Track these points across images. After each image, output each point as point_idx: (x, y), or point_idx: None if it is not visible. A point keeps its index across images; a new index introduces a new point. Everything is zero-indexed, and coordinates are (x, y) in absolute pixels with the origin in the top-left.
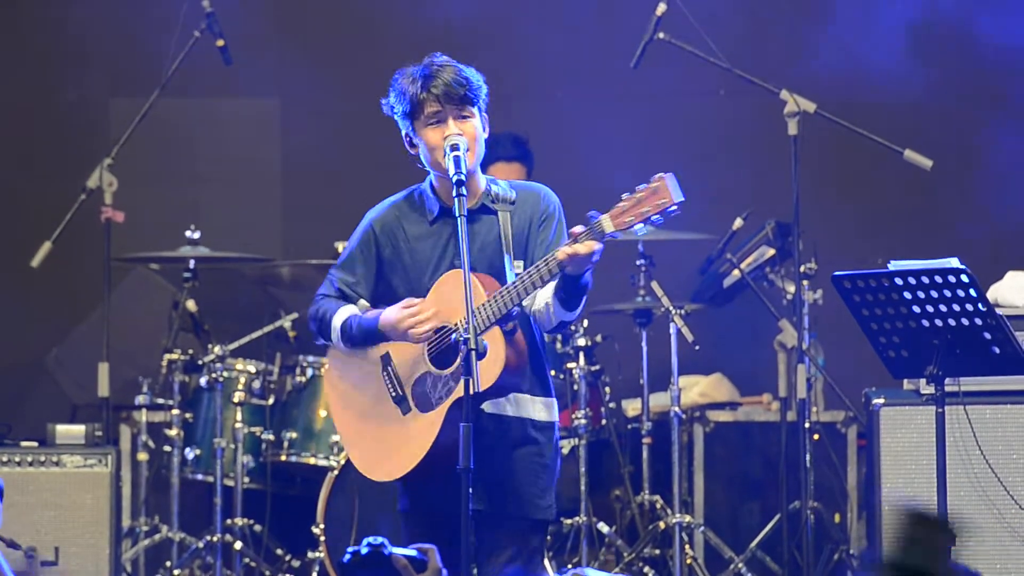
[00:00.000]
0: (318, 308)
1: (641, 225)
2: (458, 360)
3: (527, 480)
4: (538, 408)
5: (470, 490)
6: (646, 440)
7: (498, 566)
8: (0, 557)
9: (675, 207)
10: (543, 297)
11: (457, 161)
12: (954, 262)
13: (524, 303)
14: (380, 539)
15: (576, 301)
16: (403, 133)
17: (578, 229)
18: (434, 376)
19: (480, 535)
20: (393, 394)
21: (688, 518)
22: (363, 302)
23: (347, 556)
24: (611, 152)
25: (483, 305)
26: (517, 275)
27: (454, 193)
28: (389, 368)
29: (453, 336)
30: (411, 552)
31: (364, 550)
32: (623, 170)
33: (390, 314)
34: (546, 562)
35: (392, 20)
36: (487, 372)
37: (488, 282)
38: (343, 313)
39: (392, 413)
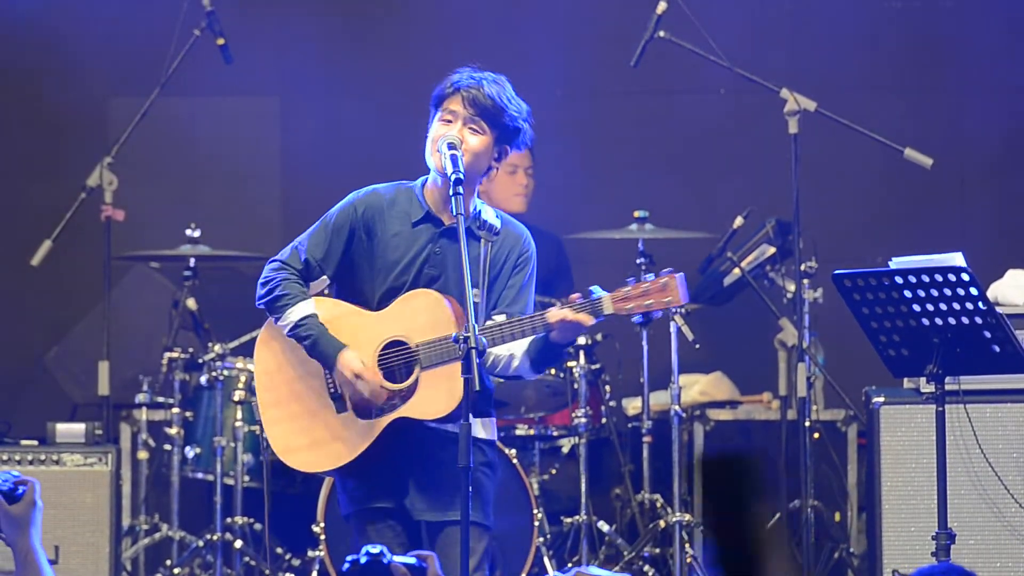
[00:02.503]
0: (276, 282)
1: (639, 316)
2: (410, 379)
3: (473, 488)
4: (479, 428)
5: (470, 489)
6: (646, 439)
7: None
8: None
9: (678, 308)
10: (508, 347)
11: (454, 160)
12: (958, 257)
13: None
14: (379, 547)
15: (546, 366)
16: (429, 118)
17: (575, 297)
18: (382, 387)
19: (437, 543)
20: (332, 390)
21: (688, 517)
22: (324, 279)
23: (346, 565)
24: (611, 152)
25: (454, 336)
26: (499, 321)
27: (451, 192)
28: None
29: (454, 335)
30: (410, 560)
31: (363, 559)
32: (623, 170)
33: (349, 366)
34: (546, 561)
35: (392, 19)
36: (445, 403)
37: (460, 313)
38: (302, 309)
39: (325, 407)
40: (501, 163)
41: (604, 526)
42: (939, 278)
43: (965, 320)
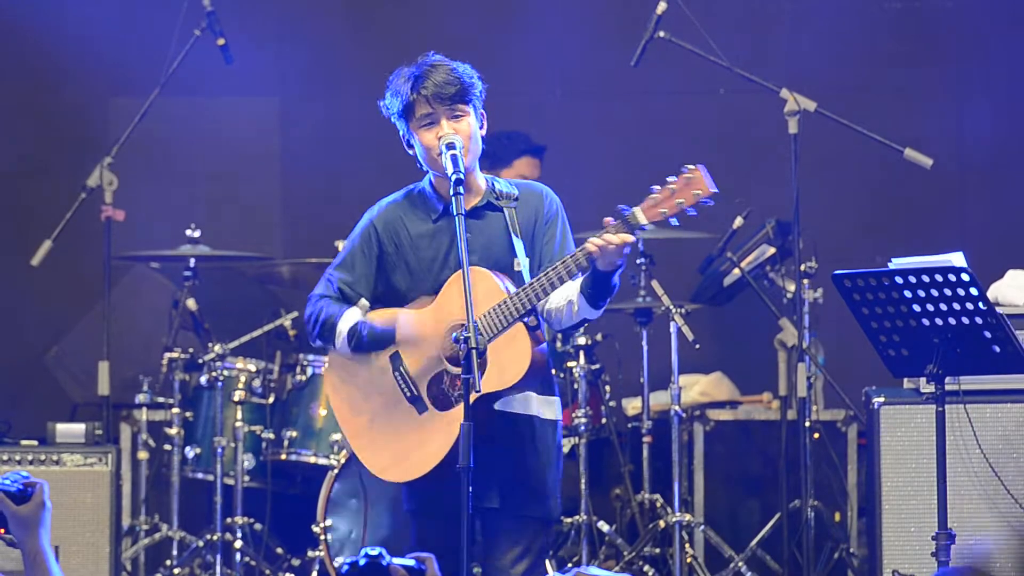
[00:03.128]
0: (319, 311)
1: (675, 217)
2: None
3: (537, 478)
4: (544, 406)
5: (470, 489)
6: (646, 439)
7: (507, 564)
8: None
9: (709, 198)
10: (563, 294)
11: (455, 160)
12: (959, 257)
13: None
14: (378, 549)
15: (604, 299)
16: (400, 133)
17: (608, 220)
18: (451, 375)
19: (491, 533)
20: (408, 394)
21: (688, 517)
22: (364, 301)
23: (345, 567)
24: (611, 152)
25: (506, 301)
26: (542, 269)
27: (451, 192)
28: (401, 369)
29: (455, 335)
30: (409, 562)
31: (362, 561)
32: (623, 170)
33: (406, 325)
34: (547, 562)
35: (392, 19)
36: (513, 367)
37: (507, 280)
38: (349, 318)
39: (407, 414)
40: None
41: (604, 526)
42: (939, 278)
43: (965, 320)
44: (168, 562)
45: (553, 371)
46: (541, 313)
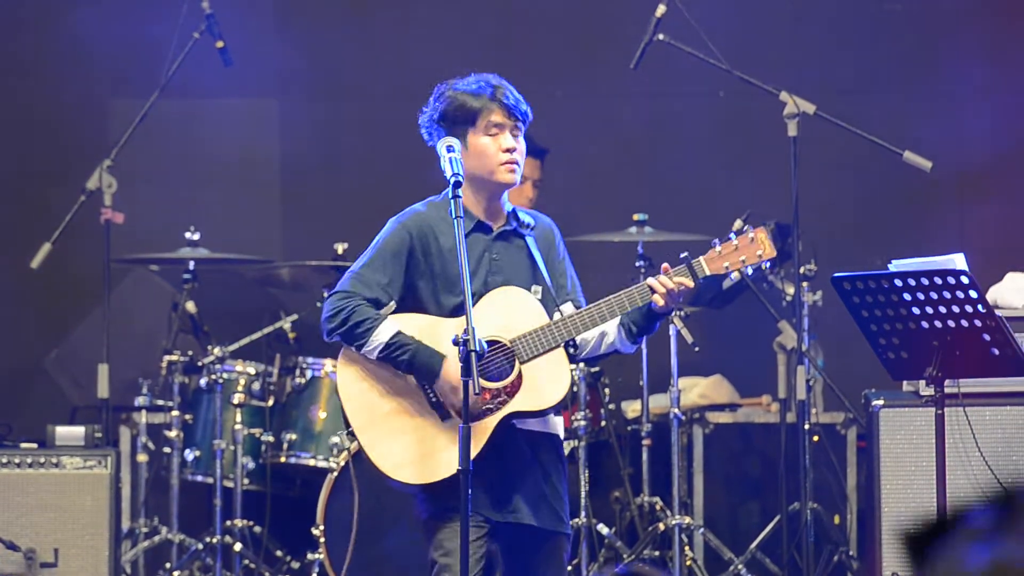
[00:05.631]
0: (350, 310)
1: (736, 272)
2: (513, 375)
3: (561, 495)
4: (557, 423)
5: (470, 492)
6: (646, 442)
7: None
8: None
9: (770, 261)
10: (600, 326)
11: (455, 162)
12: (960, 259)
13: None
14: None
15: (643, 336)
16: (432, 140)
17: (667, 266)
18: (481, 388)
19: (523, 549)
20: (431, 399)
21: (688, 519)
22: (392, 304)
23: None
24: (610, 154)
25: (557, 324)
26: (543, 303)
27: (450, 194)
28: None
29: (454, 337)
30: None
31: None
32: (623, 173)
33: (453, 375)
34: None
35: (391, 20)
36: (552, 392)
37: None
38: (388, 328)
39: (428, 418)
40: None
41: (604, 529)
42: (938, 281)
43: (964, 323)
44: (168, 565)
45: None
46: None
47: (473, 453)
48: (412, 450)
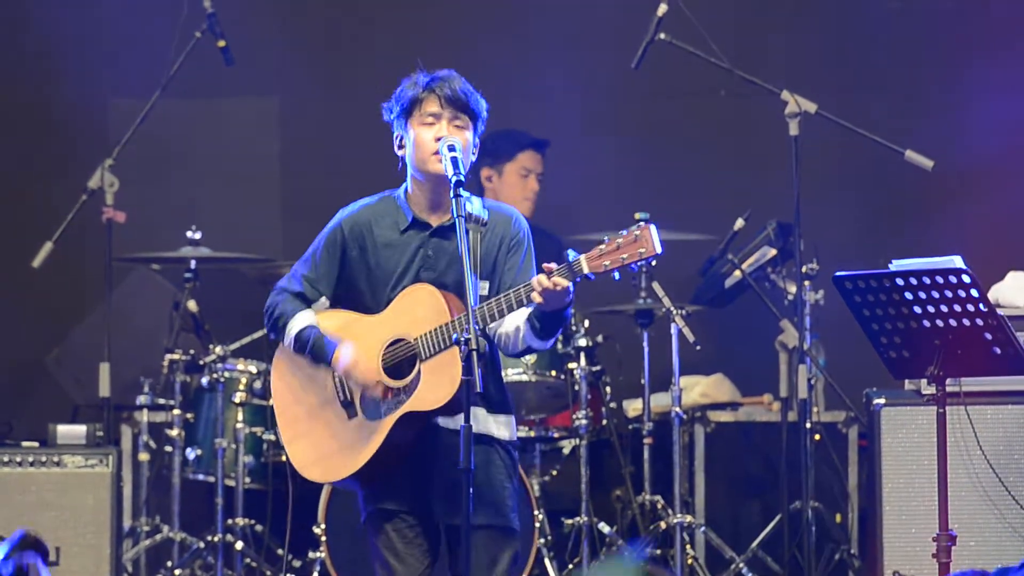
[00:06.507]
0: (276, 305)
1: (617, 271)
2: (412, 375)
3: (494, 490)
4: (498, 425)
5: (471, 491)
6: (647, 440)
7: None
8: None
9: (653, 257)
10: (512, 321)
11: (455, 162)
12: (957, 260)
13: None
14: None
15: (550, 334)
16: (394, 135)
17: (552, 266)
18: (386, 387)
19: (450, 546)
20: (342, 397)
21: (689, 518)
22: (323, 300)
23: None
24: (612, 154)
25: (448, 324)
26: (486, 298)
27: (452, 194)
28: None
29: (455, 336)
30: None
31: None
32: (624, 172)
33: (343, 358)
34: (547, 562)
35: (392, 20)
36: (444, 391)
37: (455, 302)
38: (301, 321)
39: (338, 416)
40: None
41: (605, 527)
42: (940, 280)
43: (966, 322)
44: (169, 563)
45: (553, 373)
46: (493, 337)
47: (371, 451)
48: (319, 448)
